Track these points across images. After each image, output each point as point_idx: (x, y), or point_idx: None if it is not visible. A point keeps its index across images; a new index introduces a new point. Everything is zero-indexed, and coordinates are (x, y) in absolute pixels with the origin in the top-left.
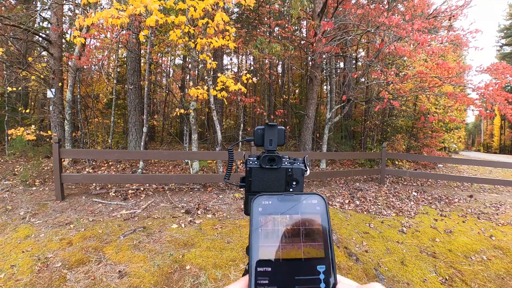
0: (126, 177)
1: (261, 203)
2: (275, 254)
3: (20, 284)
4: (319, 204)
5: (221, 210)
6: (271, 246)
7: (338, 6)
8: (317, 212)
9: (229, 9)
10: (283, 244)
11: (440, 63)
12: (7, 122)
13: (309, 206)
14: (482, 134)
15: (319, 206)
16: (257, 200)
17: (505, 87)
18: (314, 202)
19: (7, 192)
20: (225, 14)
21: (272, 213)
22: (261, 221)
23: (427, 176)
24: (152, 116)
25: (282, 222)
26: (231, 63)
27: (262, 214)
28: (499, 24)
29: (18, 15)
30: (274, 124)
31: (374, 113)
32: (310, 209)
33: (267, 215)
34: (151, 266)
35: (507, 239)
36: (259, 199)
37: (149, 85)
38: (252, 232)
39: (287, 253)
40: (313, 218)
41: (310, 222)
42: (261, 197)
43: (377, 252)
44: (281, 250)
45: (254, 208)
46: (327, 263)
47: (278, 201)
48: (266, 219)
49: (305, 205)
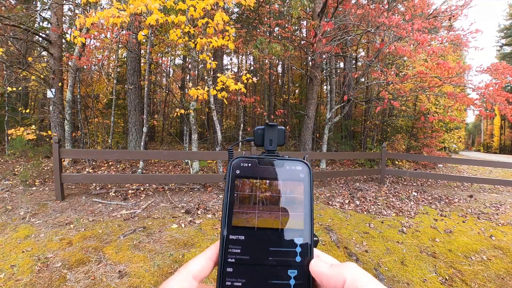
0: (126, 177)
1: (239, 165)
2: (250, 222)
3: (20, 284)
4: (303, 171)
5: (221, 210)
6: (246, 212)
7: (338, 6)
8: (300, 180)
9: (229, 9)
10: (260, 211)
11: (440, 63)
12: (7, 122)
13: (292, 173)
14: (482, 134)
15: (302, 173)
16: (235, 162)
17: (505, 87)
18: (298, 168)
19: (7, 192)
20: (225, 14)
21: (250, 177)
22: (237, 185)
23: (427, 176)
24: (152, 116)
25: (261, 188)
26: (231, 63)
27: (238, 177)
28: (499, 24)
29: (18, 15)
30: (274, 124)
31: (374, 113)
32: (292, 175)
33: (244, 178)
34: (151, 266)
35: (507, 239)
36: (237, 161)
37: (149, 85)
38: (226, 196)
39: (263, 221)
40: (295, 186)
41: (291, 190)
42: (239, 159)
43: (377, 252)
44: (257, 218)
45: (231, 170)
46: (305, 236)
47: (257, 165)
48: (243, 183)
49: (288, 171)
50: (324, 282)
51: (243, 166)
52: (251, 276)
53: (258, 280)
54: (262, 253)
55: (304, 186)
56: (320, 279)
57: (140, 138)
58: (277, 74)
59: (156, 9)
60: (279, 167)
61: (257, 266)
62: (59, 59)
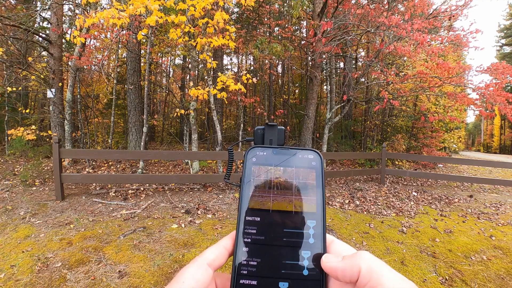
0: (126, 177)
1: (256, 153)
2: (265, 205)
3: (20, 284)
4: (315, 159)
5: (221, 210)
6: (262, 196)
7: (338, 6)
8: (312, 167)
9: (229, 9)
10: (275, 195)
11: (440, 63)
12: (7, 122)
13: (305, 161)
14: (482, 134)
15: (314, 161)
16: (252, 151)
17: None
18: (310, 157)
19: (7, 192)
20: (225, 13)
21: (266, 164)
22: (254, 171)
23: (427, 176)
24: (152, 116)
25: (275, 174)
26: (231, 63)
27: (255, 164)
28: (499, 24)
29: (18, 15)
30: (274, 124)
31: (374, 113)
32: (305, 163)
33: (261, 166)
34: (151, 266)
35: (507, 239)
36: (254, 150)
37: (149, 85)
38: (243, 181)
39: (278, 204)
40: (308, 173)
41: (304, 176)
42: (256, 149)
43: (377, 252)
44: (272, 202)
45: (248, 158)
46: (318, 219)
47: (273, 154)
48: (259, 170)
49: (301, 159)
50: (339, 277)
51: (259, 154)
52: (266, 256)
53: (272, 259)
54: (276, 234)
55: (316, 173)
56: (335, 275)
57: (140, 138)
58: (277, 74)
59: (156, 10)
60: (292, 155)
61: (272, 247)
62: (59, 59)
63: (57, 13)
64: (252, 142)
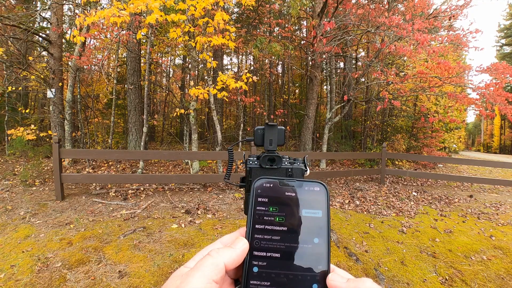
0: (126, 177)
1: (262, 185)
2: (272, 248)
3: (20, 284)
4: (321, 192)
5: (221, 210)
6: (270, 239)
7: (338, 6)
8: (317, 200)
9: (229, 9)
10: (282, 234)
11: (441, 63)
12: (7, 122)
13: (310, 194)
14: (482, 134)
15: (320, 194)
16: (258, 182)
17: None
18: (316, 189)
19: (7, 192)
20: (225, 14)
21: (272, 196)
22: (260, 208)
23: (427, 176)
24: (152, 116)
25: (282, 207)
26: (231, 63)
27: (261, 196)
28: (499, 24)
29: (18, 15)
30: (274, 124)
31: (374, 113)
32: (311, 196)
33: (266, 198)
34: (151, 266)
35: (507, 239)
36: (261, 181)
37: (149, 85)
38: (250, 214)
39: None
40: (314, 204)
41: (309, 210)
42: (262, 179)
43: (377, 252)
44: (279, 245)
45: (255, 190)
46: (322, 252)
47: (279, 186)
48: (265, 204)
49: (306, 191)
50: None
51: (265, 186)
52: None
53: None
54: (283, 269)
55: (321, 206)
56: None
57: (140, 138)
58: (277, 74)
59: (156, 9)
60: (298, 187)
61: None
62: (59, 59)
63: (57, 13)
64: (252, 142)
